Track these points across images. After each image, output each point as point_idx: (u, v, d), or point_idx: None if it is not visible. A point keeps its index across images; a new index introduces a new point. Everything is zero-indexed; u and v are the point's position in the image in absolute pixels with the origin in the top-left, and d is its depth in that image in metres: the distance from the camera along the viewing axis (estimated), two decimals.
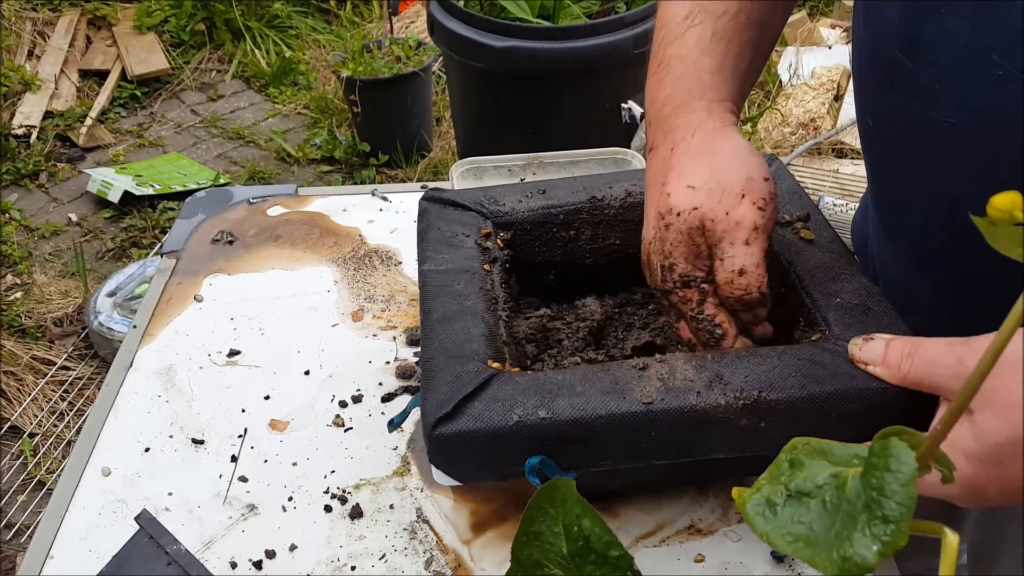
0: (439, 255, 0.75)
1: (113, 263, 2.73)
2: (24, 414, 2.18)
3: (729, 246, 0.65)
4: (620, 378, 0.61)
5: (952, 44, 0.57)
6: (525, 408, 0.59)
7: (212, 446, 0.80)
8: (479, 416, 0.60)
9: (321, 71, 3.58)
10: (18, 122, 3.25)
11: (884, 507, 0.37)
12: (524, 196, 0.83)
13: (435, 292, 0.71)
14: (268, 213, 1.10)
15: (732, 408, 0.59)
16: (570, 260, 0.84)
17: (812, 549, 0.39)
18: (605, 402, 0.60)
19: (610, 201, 0.82)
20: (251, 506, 0.75)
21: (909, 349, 0.57)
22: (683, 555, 0.70)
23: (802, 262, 0.72)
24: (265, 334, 0.92)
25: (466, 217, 0.81)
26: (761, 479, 0.44)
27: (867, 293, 0.68)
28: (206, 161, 3.21)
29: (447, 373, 0.63)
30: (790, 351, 0.63)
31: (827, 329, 0.66)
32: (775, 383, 0.60)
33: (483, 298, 0.71)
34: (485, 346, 0.65)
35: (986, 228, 0.35)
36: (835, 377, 0.60)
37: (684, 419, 0.59)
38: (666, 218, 0.66)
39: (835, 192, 2.68)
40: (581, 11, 2.46)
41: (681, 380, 0.61)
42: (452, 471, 0.63)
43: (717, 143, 0.66)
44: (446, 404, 0.60)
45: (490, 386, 0.61)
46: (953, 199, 0.63)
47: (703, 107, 0.67)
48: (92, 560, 0.71)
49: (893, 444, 0.38)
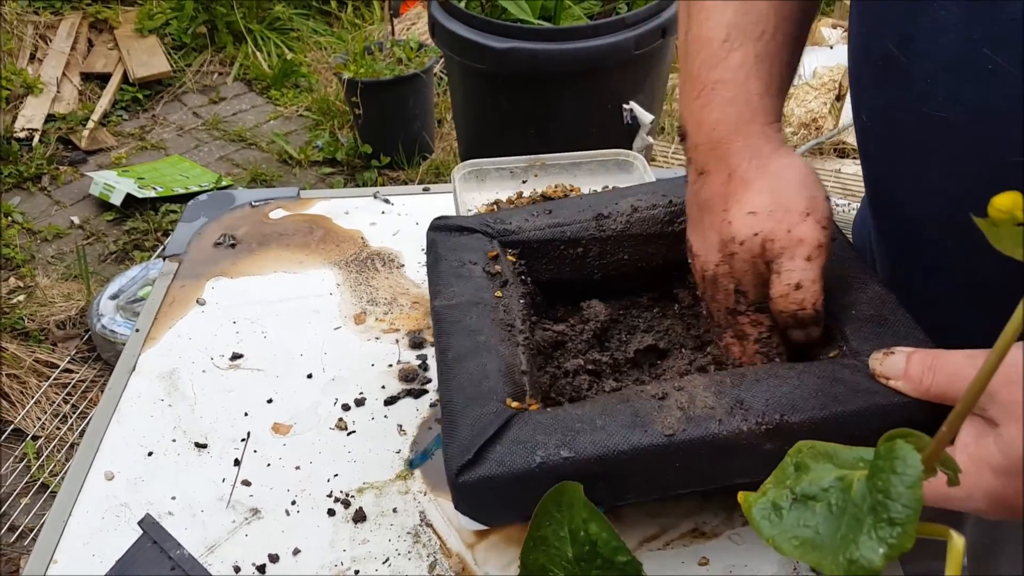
0: (449, 288, 0.75)
1: (116, 266, 2.74)
2: (27, 417, 2.19)
3: (788, 260, 0.65)
4: (640, 410, 0.61)
5: (944, 38, 0.57)
6: (547, 449, 0.59)
7: (215, 450, 0.80)
8: (502, 460, 0.60)
9: (322, 73, 3.58)
10: (20, 125, 3.26)
11: (890, 509, 0.37)
12: (530, 216, 0.83)
13: (448, 329, 0.71)
14: (270, 216, 1.10)
15: (755, 434, 0.59)
16: (578, 277, 0.84)
17: (818, 552, 0.39)
18: (627, 436, 0.59)
19: (616, 217, 0.82)
20: (254, 510, 0.75)
21: (930, 362, 0.57)
22: (687, 559, 0.70)
23: None
24: (268, 337, 0.92)
25: (472, 241, 0.81)
26: (767, 483, 0.44)
27: (882, 303, 0.68)
28: (208, 164, 3.21)
29: (467, 416, 0.63)
30: (809, 369, 0.63)
31: (844, 344, 0.66)
32: (796, 405, 0.60)
33: (497, 329, 0.71)
34: (502, 383, 0.65)
35: (987, 228, 0.35)
36: (856, 395, 0.60)
37: (707, 448, 0.59)
38: (730, 247, 0.67)
39: (837, 192, 2.68)
40: (582, 12, 2.46)
41: (701, 408, 0.60)
42: (478, 516, 0.63)
43: (775, 164, 0.67)
44: (468, 450, 0.60)
45: (510, 428, 0.61)
46: (948, 196, 0.63)
47: (757, 131, 0.67)
48: (96, 564, 0.71)
49: (899, 447, 0.38)
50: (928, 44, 0.58)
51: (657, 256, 0.83)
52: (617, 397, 0.63)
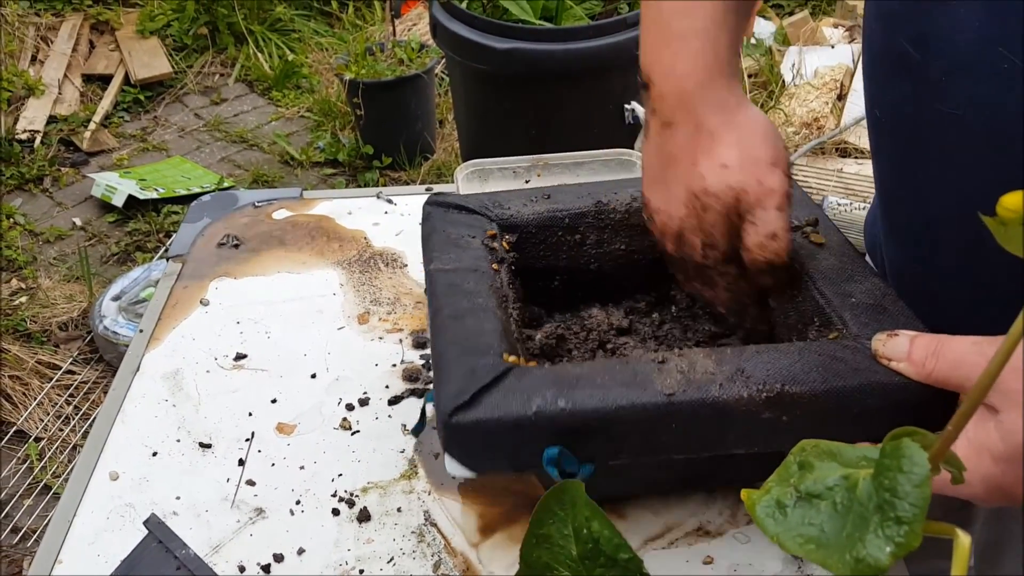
0: (446, 255, 0.74)
1: (118, 267, 2.74)
2: (30, 418, 2.19)
3: (762, 211, 0.66)
4: (640, 370, 0.61)
5: (961, 37, 0.57)
6: (544, 398, 0.59)
7: (219, 450, 0.80)
8: (497, 405, 0.59)
9: (324, 74, 3.58)
10: (22, 127, 3.26)
11: (897, 508, 0.37)
12: (529, 200, 0.83)
13: (444, 291, 0.70)
14: (273, 217, 1.10)
15: (755, 401, 0.59)
16: (575, 265, 0.83)
17: (824, 551, 0.39)
18: (626, 393, 0.59)
19: (616, 206, 0.82)
20: (259, 510, 0.75)
21: (935, 347, 0.57)
22: (692, 557, 0.70)
23: (814, 264, 0.72)
24: (271, 337, 0.92)
25: (471, 220, 0.80)
26: (770, 480, 0.44)
27: (881, 294, 0.68)
28: (210, 165, 3.21)
29: (461, 366, 0.62)
30: (810, 347, 0.63)
31: (844, 328, 0.66)
32: (797, 377, 0.60)
33: (494, 295, 0.70)
34: (499, 340, 0.64)
35: (996, 228, 0.35)
36: (857, 372, 0.60)
37: (706, 411, 0.59)
38: (702, 199, 0.67)
39: (839, 192, 2.68)
40: (583, 12, 2.46)
41: (702, 373, 0.60)
42: (467, 461, 0.62)
43: (740, 118, 0.67)
44: (463, 393, 0.59)
45: (507, 378, 0.61)
46: (961, 194, 0.63)
47: (723, 84, 0.68)
48: (100, 564, 0.71)
49: (906, 445, 0.38)
50: (944, 42, 0.58)
51: (655, 247, 0.82)
52: (617, 360, 0.63)
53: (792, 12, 3.90)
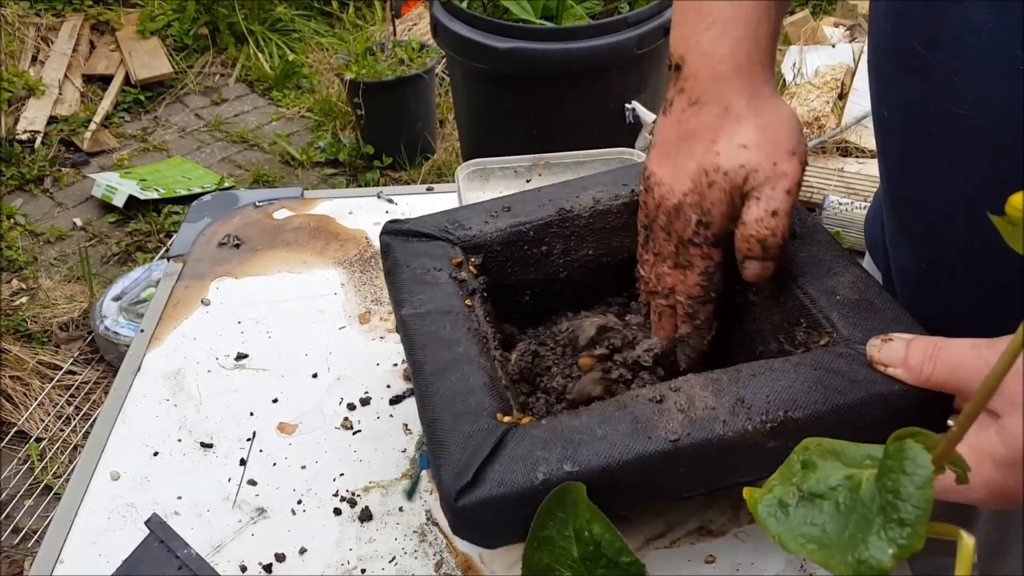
0: (415, 296, 0.72)
1: (118, 267, 2.74)
2: (30, 419, 2.19)
3: (770, 189, 0.66)
4: (639, 415, 0.59)
5: (973, 38, 0.56)
6: (549, 464, 0.57)
7: (221, 449, 0.80)
8: (502, 480, 0.57)
9: (324, 74, 3.58)
10: (22, 127, 3.26)
11: (900, 510, 0.37)
12: (490, 216, 0.81)
13: (422, 341, 0.67)
14: (274, 216, 1.10)
15: (760, 432, 0.58)
16: (544, 276, 0.82)
17: (826, 551, 0.39)
18: (631, 444, 0.58)
19: (579, 212, 0.80)
20: (260, 509, 0.75)
21: (931, 351, 0.56)
22: (694, 557, 0.70)
23: (793, 258, 0.71)
24: (272, 337, 0.92)
25: (433, 248, 0.77)
26: (772, 480, 0.44)
27: (865, 286, 0.67)
28: (210, 165, 3.21)
29: (457, 434, 0.59)
30: (804, 361, 0.62)
31: (833, 331, 0.65)
32: (798, 400, 0.59)
33: (474, 341, 0.68)
34: (489, 397, 0.62)
35: (1004, 227, 0.34)
36: (855, 385, 0.59)
37: (713, 450, 0.58)
38: (711, 175, 0.67)
39: (840, 191, 2.68)
40: (584, 12, 2.46)
41: (702, 409, 0.59)
42: (479, 539, 0.61)
43: (770, 107, 0.68)
44: (465, 472, 0.57)
45: (506, 444, 0.58)
46: (969, 195, 0.63)
47: (759, 72, 0.68)
48: (102, 564, 0.71)
49: (909, 446, 0.38)
50: (956, 43, 0.57)
51: (622, 248, 0.81)
52: (613, 404, 0.61)
53: (793, 11, 3.90)
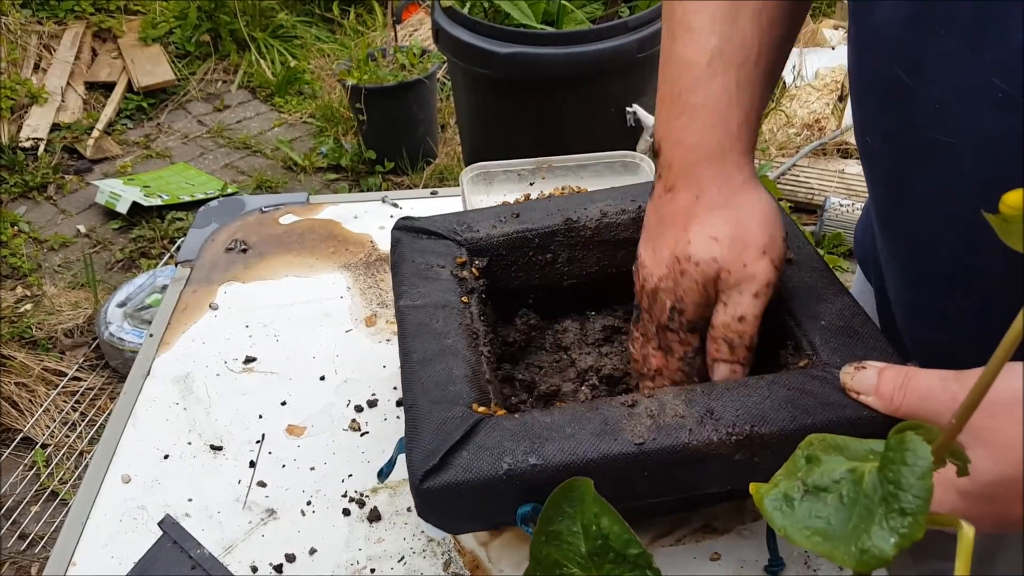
0: (415, 289, 0.73)
1: (122, 274, 2.75)
2: (36, 425, 2.20)
3: (737, 294, 0.66)
4: (609, 417, 0.60)
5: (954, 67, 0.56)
6: (515, 456, 0.58)
7: (230, 452, 0.81)
8: (468, 467, 0.58)
9: (326, 80, 3.59)
10: (25, 135, 3.27)
11: (901, 500, 0.38)
12: (498, 221, 0.82)
13: (413, 331, 0.69)
14: (280, 221, 1.11)
15: (725, 444, 0.59)
16: (548, 283, 0.83)
17: (830, 543, 0.40)
18: (596, 444, 0.58)
19: (586, 223, 0.81)
20: (270, 511, 0.76)
21: (902, 380, 0.57)
22: (699, 554, 0.71)
23: (784, 283, 0.72)
24: (280, 341, 0.93)
25: (440, 246, 0.79)
26: (778, 475, 0.45)
27: (851, 314, 0.68)
28: (213, 171, 3.22)
29: (431, 420, 0.61)
30: (779, 380, 0.63)
31: (814, 355, 0.66)
32: (767, 416, 0.59)
33: (464, 335, 0.69)
34: (468, 388, 0.64)
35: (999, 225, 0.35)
36: (825, 407, 0.60)
37: (677, 458, 0.58)
38: (683, 264, 0.67)
39: (841, 192, 2.69)
40: (585, 16, 2.47)
41: (672, 417, 0.60)
42: (442, 523, 0.61)
43: (743, 197, 0.67)
44: (433, 455, 0.58)
45: (477, 433, 0.60)
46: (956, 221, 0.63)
47: (732, 160, 0.68)
48: (114, 566, 0.72)
49: (909, 438, 0.39)
50: (937, 72, 0.58)
51: (628, 261, 0.81)
52: (587, 405, 0.62)
53: None
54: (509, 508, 0.58)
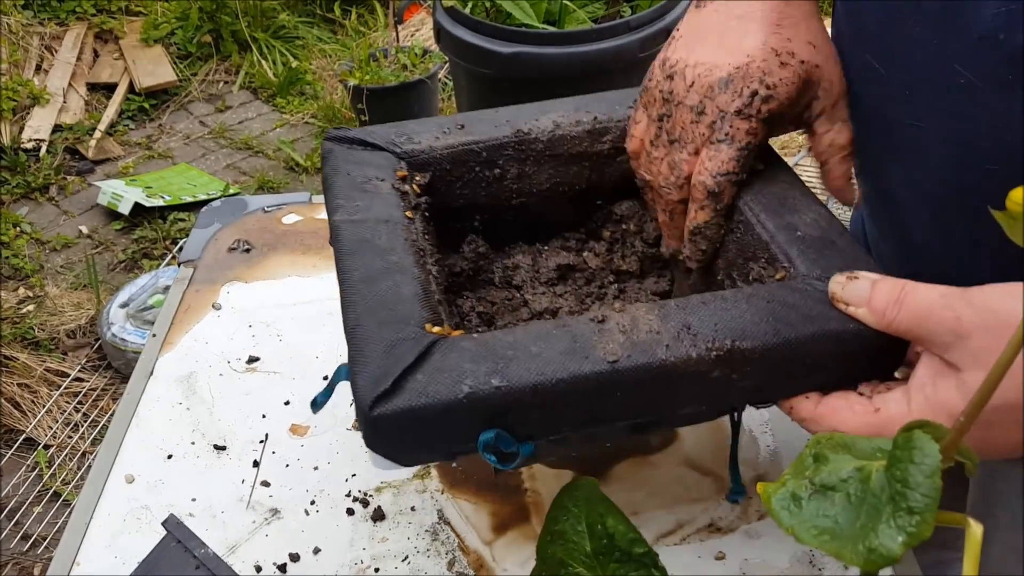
0: (352, 203, 0.66)
1: (125, 274, 2.75)
2: (38, 426, 2.20)
3: (828, 122, 0.69)
4: (579, 334, 0.55)
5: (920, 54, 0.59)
6: (476, 377, 0.52)
7: (234, 452, 0.81)
8: (424, 390, 0.52)
9: (328, 80, 3.59)
10: (27, 136, 3.27)
11: (909, 499, 0.37)
12: (441, 132, 0.75)
13: (353, 247, 0.62)
14: (283, 221, 1.11)
15: (704, 360, 0.54)
16: (495, 202, 0.76)
17: (838, 542, 0.40)
18: (566, 363, 0.53)
19: (537, 135, 0.75)
20: (274, 510, 0.76)
21: (898, 294, 0.53)
22: (704, 553, 0.71)
23: (753, 193, 0.67)
24: (283, 340, 0.93)
25: (378, 158, 0.72)
26: (785, 474, 0.45)
27: (828, 225, 0.64)
28: (215, 172, 3.22)
29: (379, 342, 0.55)
30: (758, 293, 0.58)
31: (791, 267, 0.61)
32: (747, 330, 0.55)
33: (411, 251, 0.63)
34: (420, 307, 0.58)
35: (1005, 221, 0.35)
36: (809, 320, 0.56)
37: (652, 376, 0.54)
38: (782, 56, 0.65)
39: None
40: (586, 16, 2.47)
41: (646, 332, 0.55)
42: (394, 454, 0.55)
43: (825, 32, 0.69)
44: (384, 379, 0.52)
45: (432, 354, 0.54)
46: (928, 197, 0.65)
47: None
48: (118, 566, 0.72)
49: (917, 436, 0.39)
50: (906, 59, 0.60)
51: (580, 178, 0.77)
52: (552, 323, 0.57)
53: None
54: (470, 435, 0.53)
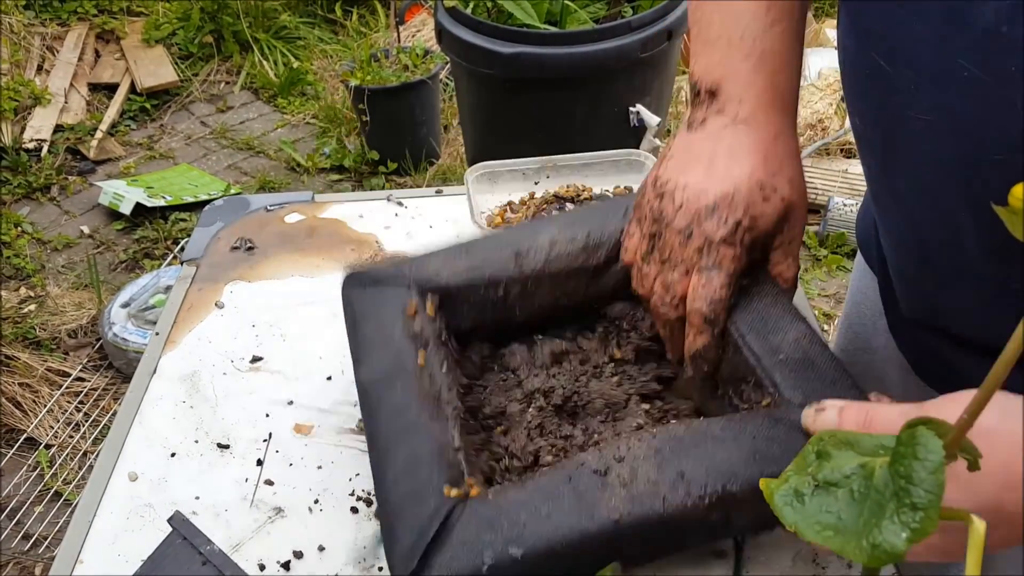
0: (370, 356, 0.73)
1: (126, 274, 2.75)
2: (40, 426, 2.20)
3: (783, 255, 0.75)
4: (583, 491, 0.60)
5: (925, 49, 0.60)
6: (495, 548, 0.57)
7: (237, 450, 0.81)
8: (449, 566, 0.57)
9: (329, 81, 3.59)
10: (29, 136, 3.27)
11: (913, 495, 0.38)
12: (449, 258, 0.80)
13: (374, 406, 0.69)
14: (286, 220, 1.11)
15: (699, 508, 0.59)
16: (501, 319, 0.81)
17: (841, 538, 0.40)
18: (574, 524, 0.58)
19: (535, 254, 0.80)
20: (278, 509, 0.76)
21: (863, 418, 0.57)
22: (703, 551, 0.71)
23: (740, 313, 0.72)
24: (287, 340, 0.93)
25: (388, 296, 0.77)
26: (788, 470, 0.45)
27: (809, 343, 0.68)
28: (216, 172, 3.23)
29: (405, 516, 0.60)
30: (745, 430, 0.63)
31: (776, 392, 0.66)
32: (736, 471, 0.60)
33: (425, 404, 0.68)
34: (436, 469, 0.63)
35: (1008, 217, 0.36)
36: (790, 455, 0.59)
37: (654, 526, 0.59)
38: (766, 191, 0.71)
39: (845, 192, 2.69)
40: (588, 16, 2.47)
41: (644, 484, 0.60)
42: None
43: (799, 166, 0.75)
44: (411, 557, 0.58)
45: (453, 526, 0.59)
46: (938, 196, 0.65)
47: (790, 114, 0.74)
48: (121, 564, 0.72)
49: (921, 433, 0.39)
50: (910, 55, 0.61)
51: (578, 292, 0.81)
52: (559, 474, 0.62)
53: None
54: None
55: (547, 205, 1.04)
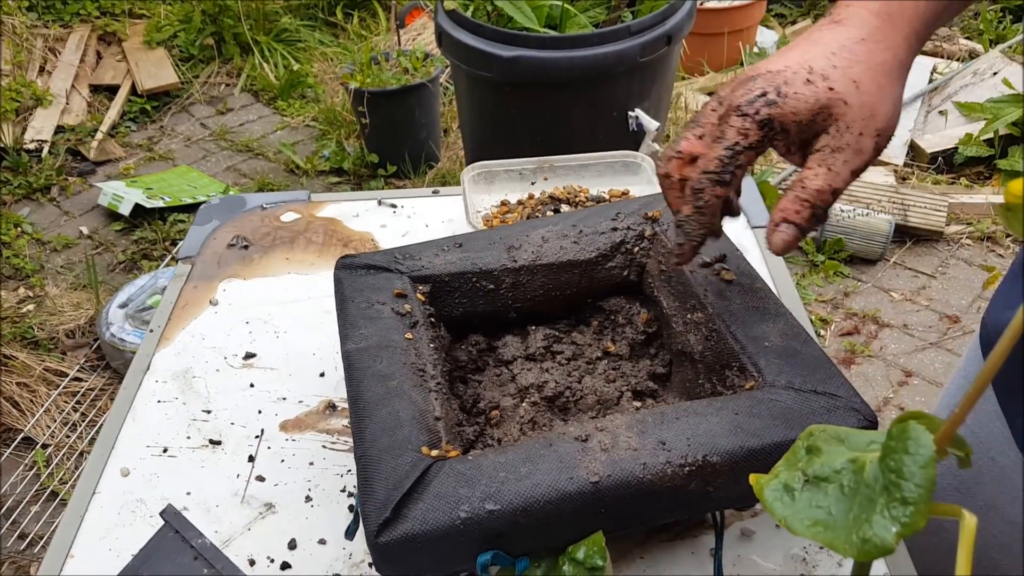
0: (357, 331, 0.73)
1: (124, 275, 2.75)
2: (37, 425, 2.20)
3: (838, 156, 0.66)
4: (564, 455, 0.60)
5: None
6: (471, 503, 0.57)
7: (229, 447, 0.81)
8: (424, 517, 0.57)
9: (329, 83, 3.60)
10: (30, 137, 3.28)
11: (903, 489, 0.37)
12: (440, 250, 0.82)
13: (359, 375, 0.69)
14: (281, 219, 1.11)
15: (679, 475, 0.59)
16: (493, 310, 0.82)
17: (831, 532, 0.40)
18: (552, 484, 0.58)
19: (527, 247, 0.81)
20: (269, 505, 0.76)
21: None
22: (696, 549, 0.70)
23: (726, 304, 0.73)
24: (280, 337, 0.93)
25: (380, 280, 0.78)
26: (778, 465, 0.45)
27: (793, 334, 0.70)
28: (215, 174, 3.23)
29: (381, 469, 0.60)
30: (727, 406, 0.64)
31: (759, 376, 0.67)
32: (718, 444, 0.60)
33: (409, 374, 0.68)
34: (416, 431, 0.63)
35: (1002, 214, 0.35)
36: (772, 430, 0.61)
37: (632, 491, 0.59)
38: (813, 76, 0.66)
39: (842, 199, 2.69)
40: (588, 20, 2.47)
41: (625, 450, 0.60)
42: None
43: (897, 80, 0.68)
44: (385, 507, 0.57)
45: (430, 481, 0.59)
46: None
47: (906, 34, 0.68)
48: (112, 559, 0.72)
49: (912, 427, 0.39)
50: None
51: (571, 284, 0.82)
52: (540, 441, 0.62)
53: (795, 21, 3.92)
54: (468, 556, 0.58)
55: (542, 206, 1.04)
